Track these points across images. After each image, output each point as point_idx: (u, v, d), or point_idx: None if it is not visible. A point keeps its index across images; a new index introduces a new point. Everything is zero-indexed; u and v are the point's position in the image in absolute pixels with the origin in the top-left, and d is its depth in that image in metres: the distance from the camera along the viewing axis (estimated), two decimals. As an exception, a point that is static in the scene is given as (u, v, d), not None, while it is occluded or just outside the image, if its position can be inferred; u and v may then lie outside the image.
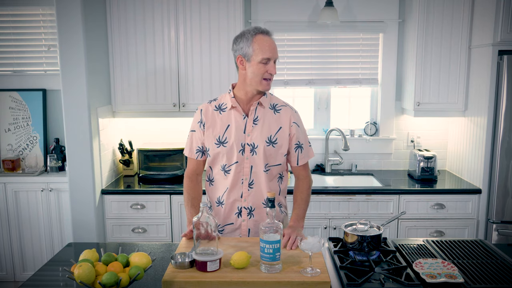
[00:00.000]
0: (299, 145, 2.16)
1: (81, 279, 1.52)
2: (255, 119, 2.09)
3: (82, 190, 3.12)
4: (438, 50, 3.35)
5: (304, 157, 2.18)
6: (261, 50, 1.98)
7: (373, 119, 3.86)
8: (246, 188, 2.12)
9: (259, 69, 2.00)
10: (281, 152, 2.12)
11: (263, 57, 1.98)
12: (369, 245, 1.87)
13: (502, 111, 3.05)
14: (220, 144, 2.09)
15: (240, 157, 2.08)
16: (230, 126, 2.09)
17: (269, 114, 2.12)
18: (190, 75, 3.42)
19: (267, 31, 2.03)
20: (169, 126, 3.76)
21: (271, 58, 2.00)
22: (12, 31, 3.69)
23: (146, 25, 3.36)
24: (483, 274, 1.76)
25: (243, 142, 2.08)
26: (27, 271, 3.50)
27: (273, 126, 2.10)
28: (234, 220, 2.16)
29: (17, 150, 3.69)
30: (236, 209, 2.14)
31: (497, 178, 3.10)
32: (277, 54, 2.03)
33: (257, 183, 2.11)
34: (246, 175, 2.11)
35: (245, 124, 2.09)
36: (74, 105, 3.06)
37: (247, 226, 2.15)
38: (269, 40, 2.01)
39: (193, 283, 1.66)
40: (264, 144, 2.08)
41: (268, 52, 1.99)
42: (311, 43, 3.69)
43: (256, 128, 2.09)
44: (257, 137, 2.08)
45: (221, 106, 2.13)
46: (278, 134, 2.10)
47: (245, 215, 2.14)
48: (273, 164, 2.12)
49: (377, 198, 3.22)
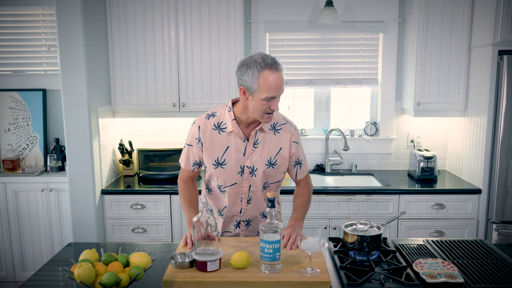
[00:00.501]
0: (298, 162, 2.16)
1: (81, 279, 1.52)
2: (255, 142, 2.05)
3: (82, 190, 3.12)
4: (438, 50, 3.35)
5: (302, 172, 2.19)
6: (266, 89, 1.85)
7: (373, 119, 3.86)
8: (244, 205, 2.14)
9: (262, 105, 1.89)
10: (280, 171, 2.13)
11: (268, 96, 1.87)
12: (369, 245, 1.87)
13: (502, 111, 3.05)
14: (218, 166, 2.05)
15: (239, 178, 2.07)
16: (229, 148, 2.04)
17: (269, 136, 2.06)
18: (190, 75, 3.42)
19: (276, 65, 1.88)
20: (169, 126, 3.76)
21: (276, 97, 1.90)
22: (12, 31, 3.69)
23: (146, 25, 3.36)
24: (483, 274, 1.76)
25: (242, 164, 2.05)
26: (27, 271, 3.50)
27: (273, 148, 2.07)
28: (232, 230, 2.20)
29: (17, 150, 3.69)
30: (234, 221, 2.19)
31: (497, 178, 3.10)
32: (282, 91, 1.90)
33: (255, 198, 2.13)
34: (244, 194, 2.12)
35: (245, 147, 2.04)
36: (74, 105, 3.06)
37: (244, 234, 2.21)
38: (276, 77, 1.86)
39: (193, 283, 1.66)
40: (264, 167, 2.06)
41: (274, 91, 1.87)
42: (311, 43, 3.69)
43: (256, 151, 2.05)
44: (257, 160, 2.05)
45: (221, 125, 2.04)
46: (278, 155, 2.08)
47: (243, 226, 2.20)
48: (272, 181, 2.13)
49: (377, 198, 3.22)
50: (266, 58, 1.89)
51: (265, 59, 1.88)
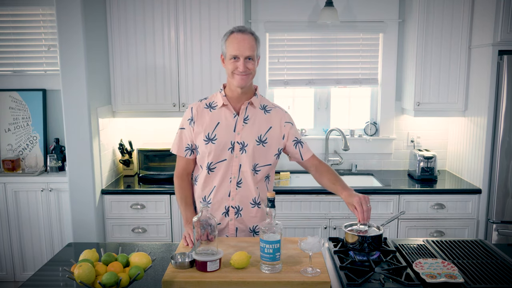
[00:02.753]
0: (298, 140, 2.17)
1: (81, 279, 1.52)
2: (246, 118, 2.10)
3: (82, 190, 3.12)
4: (438, 50, 3.35)
5: (306, 151, 2.19)
6: (230, 47, 2.02)
7: (373, 119, 3.86)
8: (234, 187, 2.12)
9: (230, 65, 2.03)
10: (271, 152, 2.12)
11: (231, 54, 2.02)
12: (369, 246, 1.87)
13: (502, 111, 3.05)
14: (209, 141, 2.09)
15: (229, 155, 2.09)
16: (220, 123, 2.09)
17: (260, 114, 2.13)
18: (190, 75, 3.42)
19: (243, 29, 2.05)
20: (169, 126, 3.76)
21: (238, 55, 2.00)
22: (12, 31, 3.69)
23: (146, 25, 3.36)
24: (483, 274, 1.76)
25: (232, 140, 2.08)
26: (27, 271, 3.51)
27: (263, 126, 2.12)
28: (221, 220, 2.15)
29: (17, 150, 3.69)
30: (223, 208, 2.14)
31: (497, 178, 3.10)
32: (246, 52, 2.00)
33: (245, 182, 2.11)
34: (234, 174, 2.11)
35: (235, 123, 2.09)
36: (74, 105, 3.06)
37: (234, 225, 2.15)
38: (240, 37, 2.01)
39: (193, 283, 1.66)
40: (254, 143, 2.08)
41: (236, 49, 2.00)
42: (311, 43, 3.69)
43: (246, 127, 2.10)
44: (247, 135, 2.09)
45: (212, 104, 2.14)
46: (268, 133, 2.11)
47: (232, 214, 2.14)
48: (263, 164, 2.12)
49: (377, 198, 3.22)
50: (237, 26, 2.08)
51: (236, 27, 2.08)
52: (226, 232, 2.16)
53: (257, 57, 2.09)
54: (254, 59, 2.04)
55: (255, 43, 2.05)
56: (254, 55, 2.04)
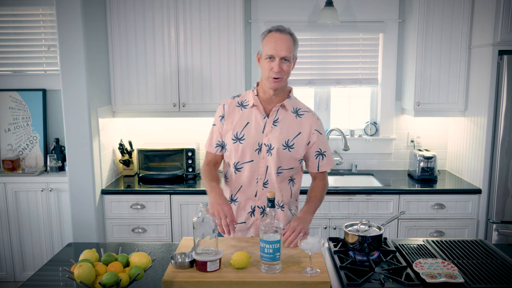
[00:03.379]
0: (321, 152, 2.16)
1: (81, 279, 1.52)
2: (275, 121, 2.09)
3: (82, 190, 3.12)
4: (438, 50, 3.35)
5: (325, 164, 2.18)
6: (267, 46, 1.98)
7: (373, 119, 3.86)
8: (260, 187, 2.12)
9: (266, 66, 2.00)
10: (295, 157, 2.12)
11: (268, 53, 1.98)
12: (369, 246, 1.87)
13: (502, 111, 3.05)
14: (237, 140, 2.09)
15: (256, 156, 2.09)
16: (249, 123, 2.09)
17: (291, 117, 2.11)
18: (190, 75, 3.42)
19: (282, 28, 1.99)
20: (169, 126, 3.76)
21: (274, 55, 1.97)
22: (12, 31, 3.69)
23: (146, 25, 3.36)
24: (483, 274, 1.76)
25: (260, 141, 2.08)
26: (27, 271, 3.50)
27: (292, 130, 2.09)
28: (247, 219, 2.16)
29: (17, 150, 3.69)
30: (249, 208, 2.15)
31: (497, 178, 3.10)
32: (283, 52, 1.96)
33: (271, 183, 2.12)
34: (261, 175, 2.11)
35: (264, 124, 2.08)
36: (74, 105, 3.06)
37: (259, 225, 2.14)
38: (278, 35, 1.97)
39: (193, 283, 1.66)
40: (281, 147, 2.07)
41: (273, 49, 1.96)
42: (311, 43, 3.69)
43: (275, 130, 2.08)
44: (274, 138, 2.07)
45: (243, 102, 2.13)
46: (296, 139, 2.10)
47: (258, 214, 2.15)
48: (286, 167, 2.12)
49: (377, 198, 3.22)
50: (276, 26, 2.03)
51: (275, 26, 2.02)
52: (252, 232, 2.17)
53: (294, 58, 2.05)
54: (290, 60, 2.01)
55: (293, 43, 2.00)
56: (291, 56, 2.00)
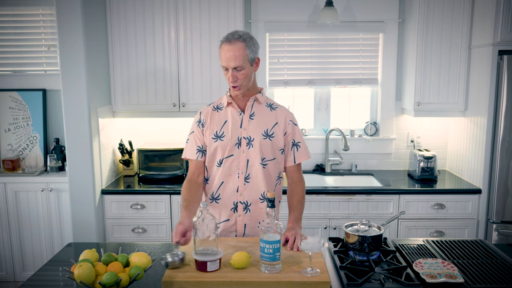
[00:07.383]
0: (295, 143, 2.18)
1: (81, 279, 1.52)
2: (252, 115, 2.14)
3: (82, 190, 3.12)
4: (438, 50, 3.35)
5: (301, 155, 2.19)
6: (220, 58, 2.05)
7: (373, 119, 3.86)
8: (242, 182, 2.13)
9: (226, 76, 2.07)
10: (276, 146, 2.14)
11: (222, 65, 2.05)
12: (370, 246, 1.87)
13: (502, 111, 3.05)
14: (217, 139, 2.13)
15: (236, 150, 2.11)
16: (227, 121, 2.14)
17: (265, 110, 2.17)
18: (190, 75, 3.42)
19: (230, 38, 2.01)
20: (169, 126, 3.76)
21: (227, 67, 2.02)
22: (12, 31, 3.69)
23: (146, 25, 3.36)
24: (483, 274, 1.76)
25: (239, 136, 2.12)
26: (27, 271, 3.50)
27: (269, 121, 2.15)
28: (230, 216, 2.16)
29: (17, 150, 3.69)
30: (231, 204, 2.15)
31: (497, 178, 3.10)
32: (231, 64, 1.98)
33: (254, 177, 2.12)
34: (242, 169, 2.12)
35: (241, 119, 2.14)
36: (74, 105, 3.06)
37: (243, 221, 2.15)
38: (227, 48, 2.00)
39: (193, 283, 1.66)
40: (261, 137, 2.11)
41: (224, 62, 2.02)
42: (311, 43, 3.69)
43: (252, 122, 2.13)
44: (253, 130, 2.12)
45: (219, 106, 2.20)
46: (275, 128, 2.14)
47: (241, 210, 2.15)
48: (270, 158, 2.13)
49: (377, 198, 3.22)
50: (227, 35, 2.05)
51: (228, 34, 2.05)
52: (235, 229, 2.16)
53: (250, 61, 2.03)
54: (244, 67, 2.01)
55: (244, 49, 1.99)
56: (243, 65, 2.00)
